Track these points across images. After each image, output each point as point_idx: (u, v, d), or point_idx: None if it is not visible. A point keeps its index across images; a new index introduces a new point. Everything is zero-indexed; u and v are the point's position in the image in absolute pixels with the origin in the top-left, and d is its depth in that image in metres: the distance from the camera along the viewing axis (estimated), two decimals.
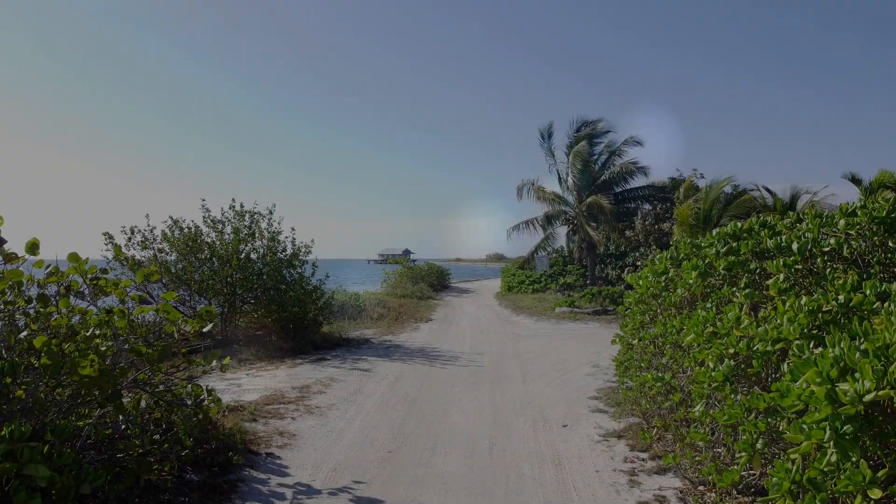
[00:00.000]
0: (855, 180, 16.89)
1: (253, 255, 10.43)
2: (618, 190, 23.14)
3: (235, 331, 10.58)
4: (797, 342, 2.83)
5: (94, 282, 4.10)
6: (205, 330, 4.16)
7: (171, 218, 10.22)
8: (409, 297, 19.83)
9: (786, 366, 2.98)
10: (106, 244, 9.83)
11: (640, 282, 5.11)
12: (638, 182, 23.29)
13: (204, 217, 10.37)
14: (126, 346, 3.84)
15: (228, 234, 10.22)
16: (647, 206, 24.43)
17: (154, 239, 10.17)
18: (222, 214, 10.25)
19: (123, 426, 3.82)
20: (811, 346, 2.81)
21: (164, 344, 3.83)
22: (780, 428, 3.06)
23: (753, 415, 3.19)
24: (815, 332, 3.00)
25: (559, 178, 23.80)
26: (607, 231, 22.94)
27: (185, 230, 9.96)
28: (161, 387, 4.29)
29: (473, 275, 55.01)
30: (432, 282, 25.96)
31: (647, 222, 20.94)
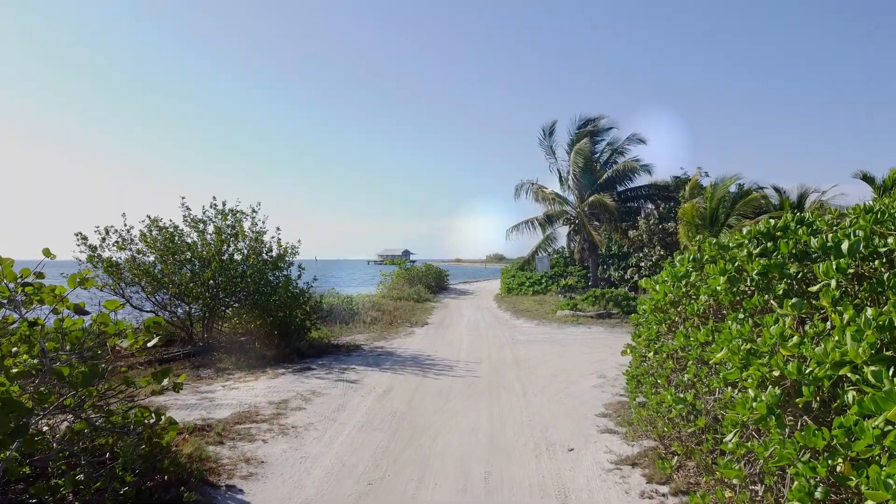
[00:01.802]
0: (867, 178, 16.31)
1: (237, 257, 9.84)
2: (620, 189, 22.54)
3: (219, 336, 9.99)
4: (872, 368, 2.23)
5: (22, 288, 3.50)
6: (150, 345, 3.55)
7: (149, 217, 9.62)
8: (405, 300, 19.22)
9: (850, 396, 2.40)
10: (78, 244, 9.23)
11: (658, 287, 4.50)
12: (641, 181, 22.71)
13: (184, 216, 9.79)
14: (56, 365, 3.25)
15: (210, 235, 9.63)
16: (650, 206, 23.83)
17: (131, 239, 9.57)
18: (203, 213, 9.64)
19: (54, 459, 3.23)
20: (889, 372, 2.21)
21: (93, 364, 3.21)
22: (838, 469, 2.46)
23: (808, 455, 2.58)
24: (888, 353, 2.41)
25: (560, 177, 23.21)
26: (609, 231, 22.34)
27: (164, 230, 9.36)
28: (107, 409, 3.69)
29: (473, 276, 54.43)
30: (430, 283, 25.34)
31: (650, 222, 20.30)
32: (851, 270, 3.04)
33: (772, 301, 3.43)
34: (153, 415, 3.80)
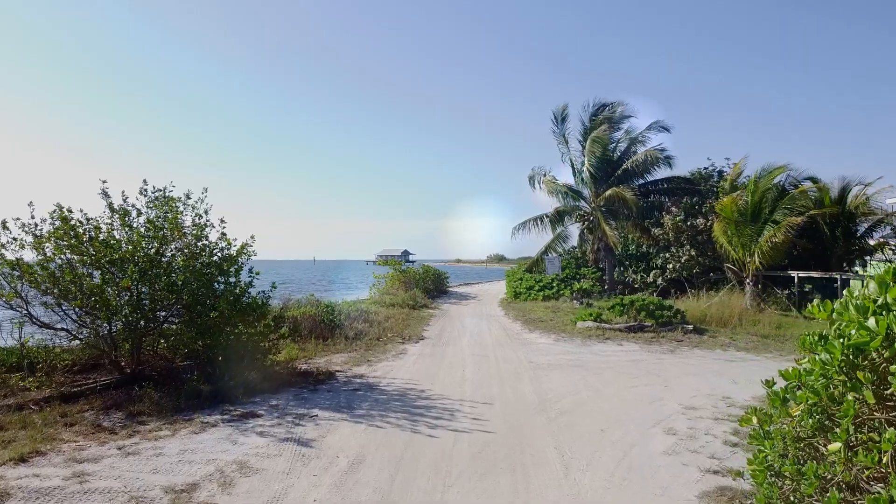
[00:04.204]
0: None
1: (179, 258, 7.60)
2: (640, 182, 20.23)
3: (153, 362, 7.74)
4: None
5: None
6: None
7: (59, 207, 7.35)
8: (398, 307, 16.93)
9: None
10: None
11: (874, 322, 2.25)
12: (661, 173, 20.40)
13: (108, 205, 7.55)
14: None
15: (142, 228, 7.40)
16: (668, 201, 21.54)
17: (42, 236, 7.31)
18: (124, 201, 7.40)
19: None
20: None
21: None
22: None
23: None
24: None
25: (573, 170, 20.94)
26: (627, 228, 20.07)
27: (67, 223, 7.09)
28: None
29: (474, 277, 52.17)
30: (428, 287, 23.01)
31: (676, 219, 17.98)
32: None
33: None
34: None
